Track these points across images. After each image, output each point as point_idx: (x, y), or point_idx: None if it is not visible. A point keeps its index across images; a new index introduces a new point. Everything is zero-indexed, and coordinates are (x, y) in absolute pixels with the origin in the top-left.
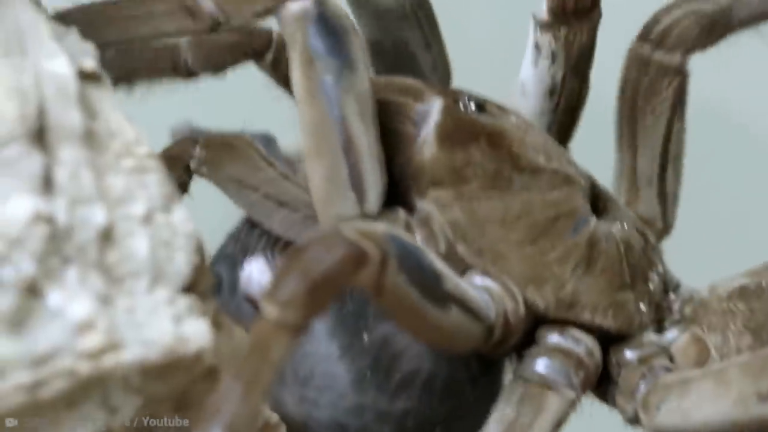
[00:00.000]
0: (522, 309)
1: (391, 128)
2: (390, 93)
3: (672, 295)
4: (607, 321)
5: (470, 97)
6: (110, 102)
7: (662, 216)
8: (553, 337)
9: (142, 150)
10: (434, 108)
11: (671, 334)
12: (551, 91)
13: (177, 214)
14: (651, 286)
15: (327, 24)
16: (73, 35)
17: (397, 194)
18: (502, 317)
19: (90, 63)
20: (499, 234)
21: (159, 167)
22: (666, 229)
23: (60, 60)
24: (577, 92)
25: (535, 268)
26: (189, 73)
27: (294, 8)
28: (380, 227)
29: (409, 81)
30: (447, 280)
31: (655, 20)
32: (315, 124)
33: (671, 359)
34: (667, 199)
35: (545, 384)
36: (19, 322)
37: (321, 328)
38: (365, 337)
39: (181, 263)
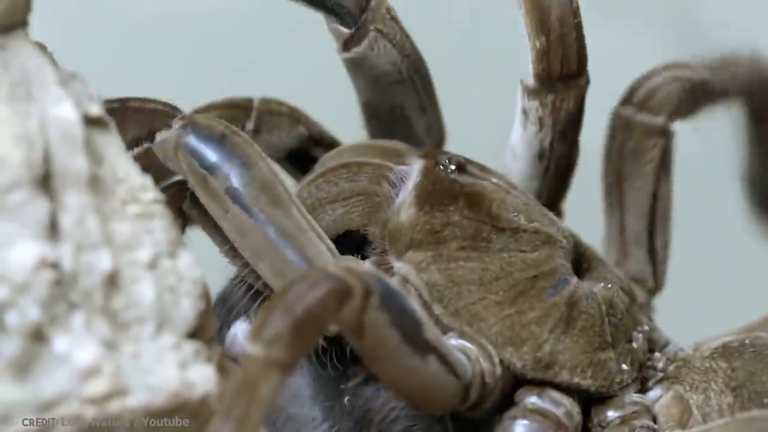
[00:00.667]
0: (498, 370)
1: (369, 190)
2: (370, 155)
3: (657, 354)
4: (587, 381)
5: (451, 158)
6: (116, 147)
7: (653, 274)
8: (531, 399)
9: (147, 196)
10: (414, 169)
11: (655, 393)
12: (540, 156)
13: (183, 259)
14: (635, 345)
15: (205, 137)
16: (79, 80)
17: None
18: (479, 377)
19: (96, 108)
20: (476, 295)
21: (165, 213)
22: (657, 287)
23: (66, 105)
24: (566, 157)
25: (513, 329)
26: None
27: (167, 138)
28: (366, 265)
29: (390, 143)
30: (427, 328)
31: (637, 84)
32: (241, 232)
33: (655, 419)
34: (656, 257)
35: None
36: (25, 367)
37: (304, 391)
38: (346, 400)
39: (187, 309)
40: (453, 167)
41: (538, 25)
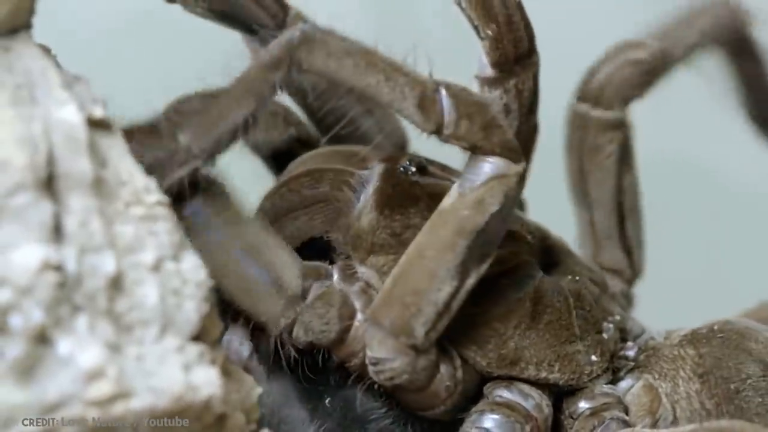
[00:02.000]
0: (459, 373)
1: (330, 196)
2: (334, 161)
3: (629, 343)
4: (554, 375)
5: (411, 160)
6: (120, 150)
7: (629, 264)
8: (499, 392)
9: (151, 198)
10: (374, 173)
11: (626, 383)
12: None
13: (187, 262)
14: (605, 336)
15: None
16: (83, 83)
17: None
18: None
19: (99, 111)
20: None
21: (169, 215)
22: (635, 274)
23: (70, 108)
24: (530, 140)
25: (476, 328)
26: None
27: None
28: None
29: (354, 148)
30: None
31: (590, 76)
32: (203, 254)
33: (627, 409)
34: (630, 247)
35: None
36: (28, 370)
37: (292, 394)
38: (327, 401)
39: (191, 311)
40: (413, 169)
41: (486, 13)
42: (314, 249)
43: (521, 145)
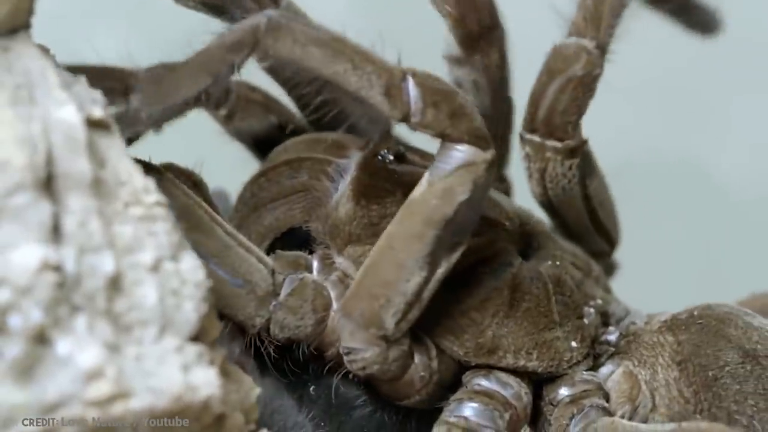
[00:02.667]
0: (435, 363)
1: (308, 185)
2: (314, 149)
3: (611, 328)
4: (533, 362)
5: (390, 148)
6: (119, 150)
7: (608, 243)
8: (478, 381)
9: (150, 198)
10: (352, 162)
11: (606, 369)
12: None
13: (186, 262)
14: (586, 321)
15: None
16: (81, 83)
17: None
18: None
19: (98, 111)
20: None
21: (167, 215)
22: (613, 246)
23: (69, 108)
24: (506, 111)
25: (453, 317)
26: None
27: None
28: None
29: (335, 136)
30: None
31: (533, 105)
32: None
33: (608, 396)
34: (606, 230)
35: (469, 428)
36: (27, 370)
37: (280, 384)
38: (311, 389)
39: (190, 312)
40: (391, 157)
41: None
42: (296, 238)
43: (497, 122)
